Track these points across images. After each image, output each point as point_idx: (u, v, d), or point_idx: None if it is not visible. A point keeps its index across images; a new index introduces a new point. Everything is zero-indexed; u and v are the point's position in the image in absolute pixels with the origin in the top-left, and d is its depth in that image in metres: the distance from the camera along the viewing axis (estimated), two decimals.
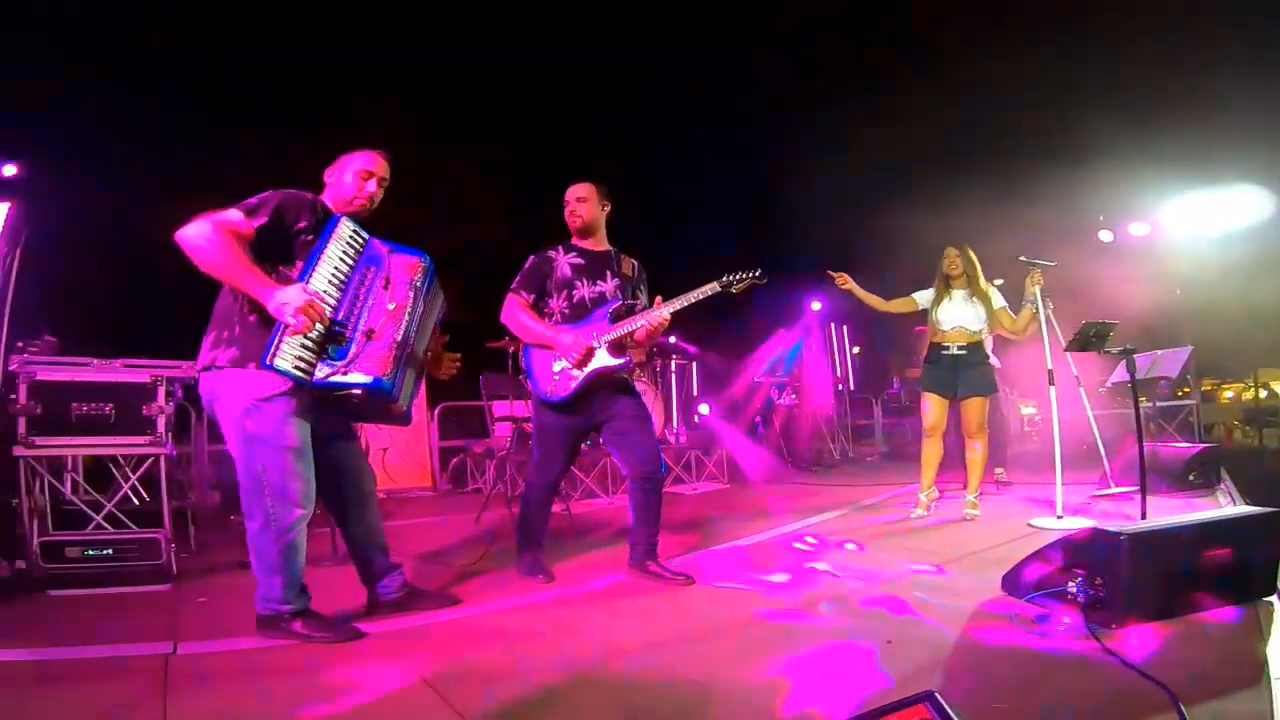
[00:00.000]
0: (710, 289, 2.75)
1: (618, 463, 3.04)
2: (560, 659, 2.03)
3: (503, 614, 2.50)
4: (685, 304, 2.78)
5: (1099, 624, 1.97)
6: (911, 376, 7.06)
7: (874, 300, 4.35)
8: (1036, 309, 3.91)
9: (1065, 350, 3.96)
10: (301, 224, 2.20)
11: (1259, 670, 1.66)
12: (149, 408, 3.27)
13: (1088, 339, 3.63)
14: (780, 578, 2.86)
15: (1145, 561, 1.97)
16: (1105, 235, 8.93)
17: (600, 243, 3.04)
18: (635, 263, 3.08)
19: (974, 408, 4.07)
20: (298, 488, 2.14)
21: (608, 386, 2.87)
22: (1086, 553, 2.09)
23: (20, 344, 3.39)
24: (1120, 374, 6.70)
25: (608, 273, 2.97)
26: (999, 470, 5.29)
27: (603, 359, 2.79)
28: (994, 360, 5.28)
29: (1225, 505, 4.14)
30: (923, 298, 4.26)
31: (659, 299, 2.82)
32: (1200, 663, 1.75)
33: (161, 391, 3.30)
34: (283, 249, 2.19)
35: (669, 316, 2.77)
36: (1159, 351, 6.29)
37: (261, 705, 1.74)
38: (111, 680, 1.88)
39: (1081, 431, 5.04)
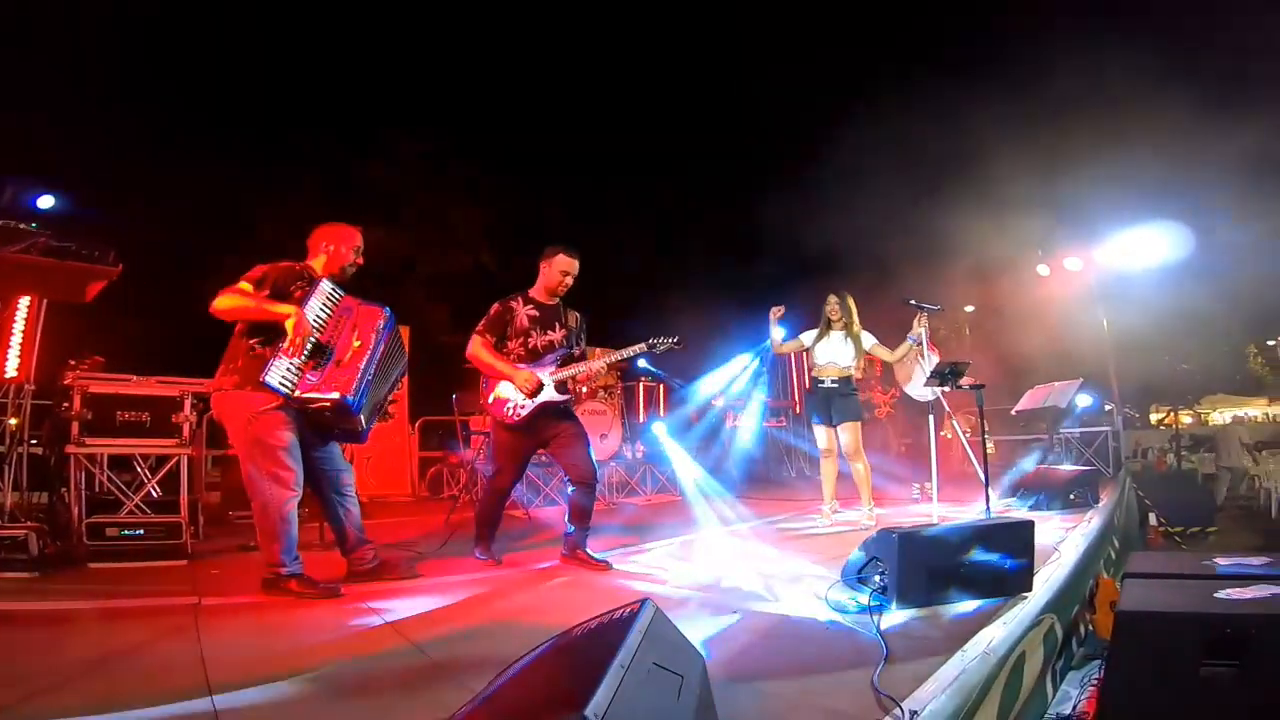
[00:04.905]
0: (639, 348, 3.55)
1: (563, 470, 3.69)
2: (489, 611, 2.75)
3: (454, 585, 3.21)
4: (617, 358, 3.59)
5: (883, 606, 2.57)
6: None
7: (775, 342, 4.99)
8: (921, 345, 4.66)
9: (924, 385, 4.71)
10: (292, 288, 2.98)
11: (951, 646, 2.09)
12: (177, 416, 4.00)
13: (944, 375, 4.35)
14: (684, 567, 3.57)
15: (911, 557, 2.66)
16: (1042, 269, 9.74)
17: (554, 297, 3.73)
18: (578, 315, 3.78)
19: (848, 432, 4.78)
20: (289, 476, 2.88)
21: (553, 413, 3.58)
22: (881, 548, 2.79)
23: (72, 361, 4.11)
24: (1023, 404, 7.51)
25: (557, 324, 3.66)
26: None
27: (549, 393, 3.50)
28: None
29: (1087, 520, 4.79)
30: (808, 337, 4.98)
31: (597, 350, 3.58)
32: (932, 640, 2.26)
33: (188, 404, 4.02)
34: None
35: (605, 368, 3.54)
36: (1056, 384, 7.09)
37: (269, 635, 2.45)
38: (158, 618, 2.59)
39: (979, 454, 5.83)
